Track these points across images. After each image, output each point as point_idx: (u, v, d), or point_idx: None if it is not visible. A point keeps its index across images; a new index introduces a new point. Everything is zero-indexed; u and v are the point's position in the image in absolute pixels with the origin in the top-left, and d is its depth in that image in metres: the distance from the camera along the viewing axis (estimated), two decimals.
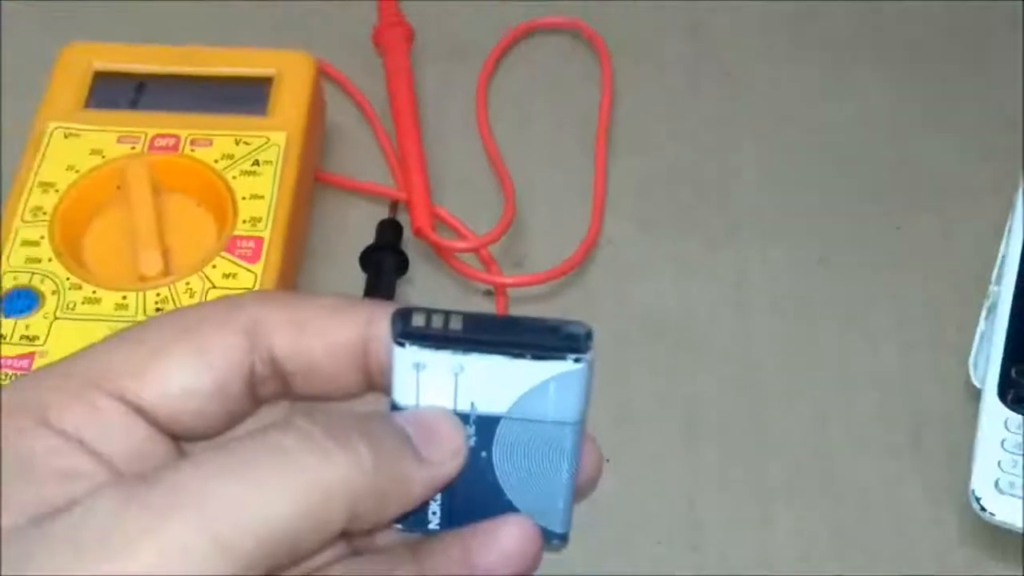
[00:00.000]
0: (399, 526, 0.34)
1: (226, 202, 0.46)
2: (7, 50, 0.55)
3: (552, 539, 0.34)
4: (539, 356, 0.31)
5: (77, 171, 0.46)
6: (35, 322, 0.43)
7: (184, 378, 0.31)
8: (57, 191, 0.46)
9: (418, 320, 0.31)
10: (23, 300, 0.43)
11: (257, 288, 0.45)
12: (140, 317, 0.43)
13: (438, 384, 0.32)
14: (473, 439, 0.32)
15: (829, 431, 0.46)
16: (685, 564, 0.44)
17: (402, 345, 0.31)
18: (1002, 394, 0.43)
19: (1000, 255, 0.47)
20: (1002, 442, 0.42)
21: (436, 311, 0.31)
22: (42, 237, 0.45)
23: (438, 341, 0.31)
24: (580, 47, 0.56)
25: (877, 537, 0.44)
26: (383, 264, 0.49)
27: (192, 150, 0.47)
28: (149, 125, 0.48)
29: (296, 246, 0.48)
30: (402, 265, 0.49)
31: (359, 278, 0.48)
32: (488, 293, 0.49)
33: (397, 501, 0.31)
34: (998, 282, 0.46)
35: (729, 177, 0.53)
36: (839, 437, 0.46)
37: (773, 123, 0.54)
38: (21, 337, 0.42)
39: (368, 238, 0.49)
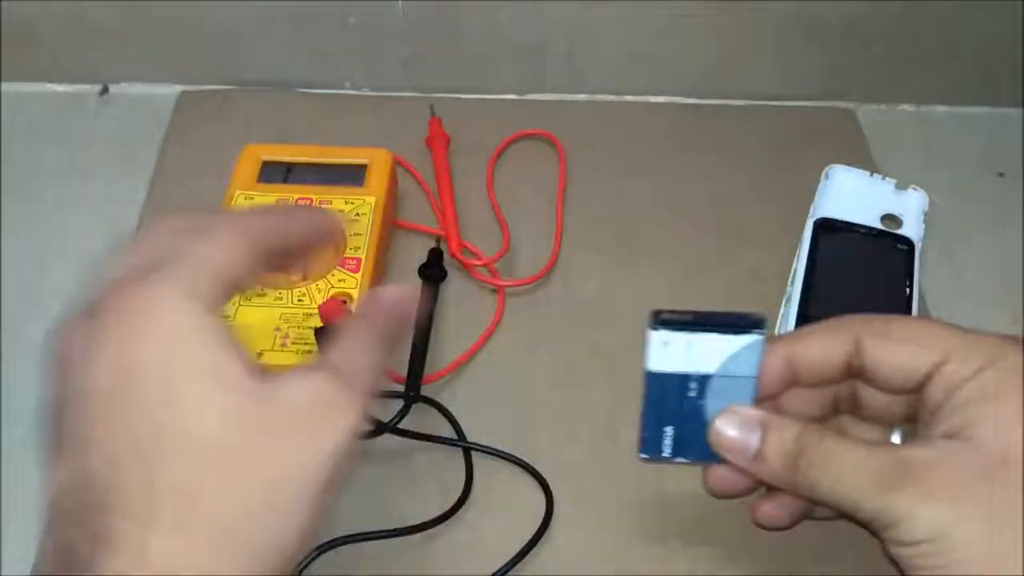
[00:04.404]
0: (643, 454, 0.32)
1: (340, 237, 0.45)
2: (202, 149, 0.54)
3: None
4: (739, 332, 0.30)
5: None
6: (227, 306, 0.42)
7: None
8: None
9: (665, 316, 0.30)
10: None
11: (356, 288, 0.44)
12: (289, 306, 0.43)
13: (676, 354, 0.30)
14: (695, 392, 0.31)
15: None
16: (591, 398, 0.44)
17: (655, 329, 0.31)
18: None
19: (793, 268, 0.48)
20: None
21: (675, 311, 0.30)
22: None
23: (678, 326, 0.30)
24: (547, 146, 0.56)
25: None
26: (432, 274, 0.48)
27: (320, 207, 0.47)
28: (294, 192, 0.48)
29: (380, 263, 0.48)
30: (443, 275, 0.49)
31: (416, 283, 0.48)
32: (493, 291, 0.48)
33: None
34: (792, 284, 0.47)
35: (633, 223, 0.52)
36: None
37: (661, 193, 0.54)
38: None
39: (423, 258, 0.49)
